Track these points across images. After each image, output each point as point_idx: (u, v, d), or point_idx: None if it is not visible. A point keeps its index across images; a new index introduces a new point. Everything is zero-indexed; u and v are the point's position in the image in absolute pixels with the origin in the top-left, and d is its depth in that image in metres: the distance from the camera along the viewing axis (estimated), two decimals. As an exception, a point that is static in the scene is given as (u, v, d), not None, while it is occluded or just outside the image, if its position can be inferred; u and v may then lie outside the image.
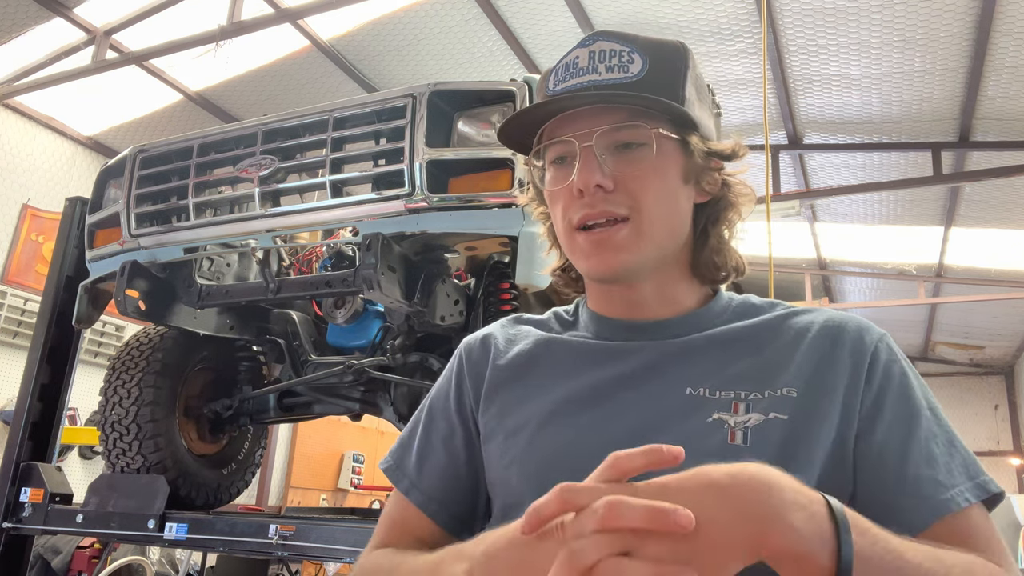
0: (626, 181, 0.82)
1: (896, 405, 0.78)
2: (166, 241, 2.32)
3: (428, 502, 0.90)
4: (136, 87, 6.24)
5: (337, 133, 2.11)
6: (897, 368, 0.81)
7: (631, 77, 0.83)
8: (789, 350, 0.82)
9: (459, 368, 0.96)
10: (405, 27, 5.52)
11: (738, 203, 0.90)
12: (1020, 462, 11.04)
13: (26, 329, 6.06)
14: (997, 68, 5.02)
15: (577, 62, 0.85)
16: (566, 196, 0.84)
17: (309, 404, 2.80)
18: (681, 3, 4.96)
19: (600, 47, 0.85)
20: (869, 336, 0.82)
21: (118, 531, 2.32)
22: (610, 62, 0.84)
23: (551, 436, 0.83)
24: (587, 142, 0.82)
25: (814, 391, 0.79)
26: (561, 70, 0.87)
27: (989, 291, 7.99)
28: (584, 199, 0.82)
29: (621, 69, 0.83)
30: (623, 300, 0.89)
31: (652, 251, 0.84)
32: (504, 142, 0.93)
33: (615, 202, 0.82)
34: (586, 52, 0.85)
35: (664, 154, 0.83)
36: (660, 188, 0.83)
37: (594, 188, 0.81)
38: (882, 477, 0.76)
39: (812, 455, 0.76)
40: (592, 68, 0.84)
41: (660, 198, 0.83)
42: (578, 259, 0.86)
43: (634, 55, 0.84)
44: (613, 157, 0.83)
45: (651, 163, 0.82)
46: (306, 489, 8.88)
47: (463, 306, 2.33)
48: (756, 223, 5.56)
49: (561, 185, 0.85)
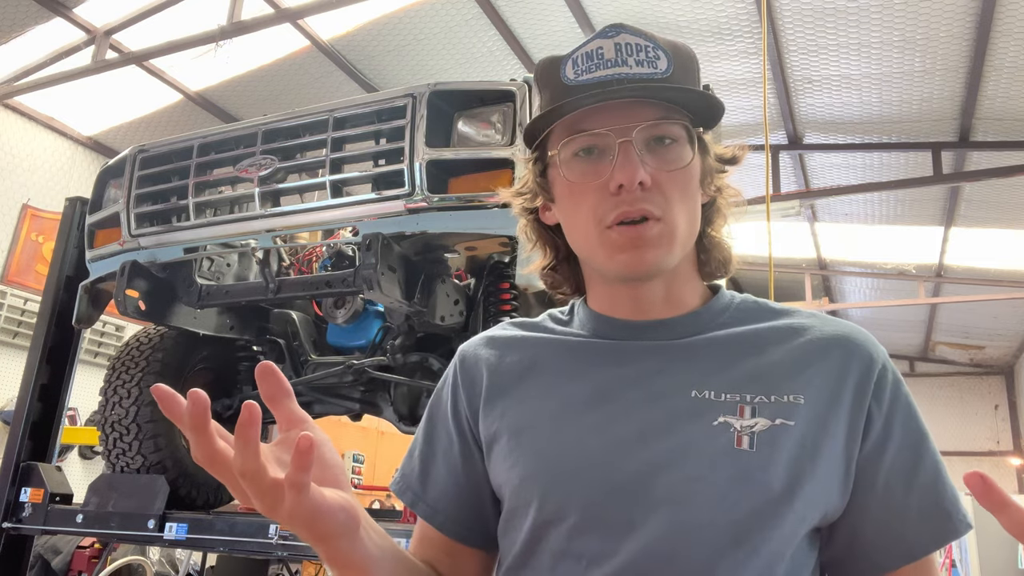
0: (660, 180, 0.81)
1: (904, 430, 0.79)
2: (166, 241, 2.32)
3: (434, 514, 0.91)
4: (136, 87, 6.24)
5: (337, 133, 2.11)
6: (903, 391, 0.81)
7: (660, 73, 0.81)
8: (796, 357, 0.82)
9: (455, 377, 0.95)
10: (405, 27, 5.52)
11: (727, 206, 0.91)
12: (1020, 462, 11.04)
13: (26, 329, 6.06)
14: (997, 68, 5.02)
15: (602, 53, 0.82)
16: (598, 191, 0.81)
17: (309, 404, 2.80)
18: (681, 3, 4.96)
19: (625, 40, 0.82)
20: (878, 354, 0.82)
21: (118, 531, 2.32)
22: (638, 56, 0.81)
23: (556, 437, 0.82)
24: (625, 136, 0.80)
25: (821, 401, 0.78)
26: (581, 59, 0.83)
27: (989, 291, 7.99)
28: (621, 196, 0.80)
29: (650, 64, 0.81)
30: (630, 299, 0.87)
31: (678, 251, 0.83)
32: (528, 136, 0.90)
33: (650, 200, 0.80)
34: (611, 43, 0.82)
35: (694, 154, 0.83)
36: (688, 189, 0.83)
37: (636, 184, 0.79)
38: (886, 501, 0.77)
39: (817, 464, 0.76)
40: (621, 60, 0.81)
41: (686, 200, 0.83)
42: (609, 254, 0.82)
43: (659, 51, 0.82)
44: (650, 154, 0.81)
45: (685, 161, 0.82)
46: (306, 489, 8.87)
47: (463, 306, 2.33)
48: (756, 223, 5.54)
49: (593, 179, 0.82)
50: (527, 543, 0.82)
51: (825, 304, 8.70)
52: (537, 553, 0.81)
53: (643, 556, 0.74)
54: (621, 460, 0.78)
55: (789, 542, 0.74)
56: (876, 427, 0.79)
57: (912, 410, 0.81)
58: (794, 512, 0.74)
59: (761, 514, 0.73)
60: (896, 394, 0.80)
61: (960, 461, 10.86)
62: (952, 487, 0.78)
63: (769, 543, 0.73)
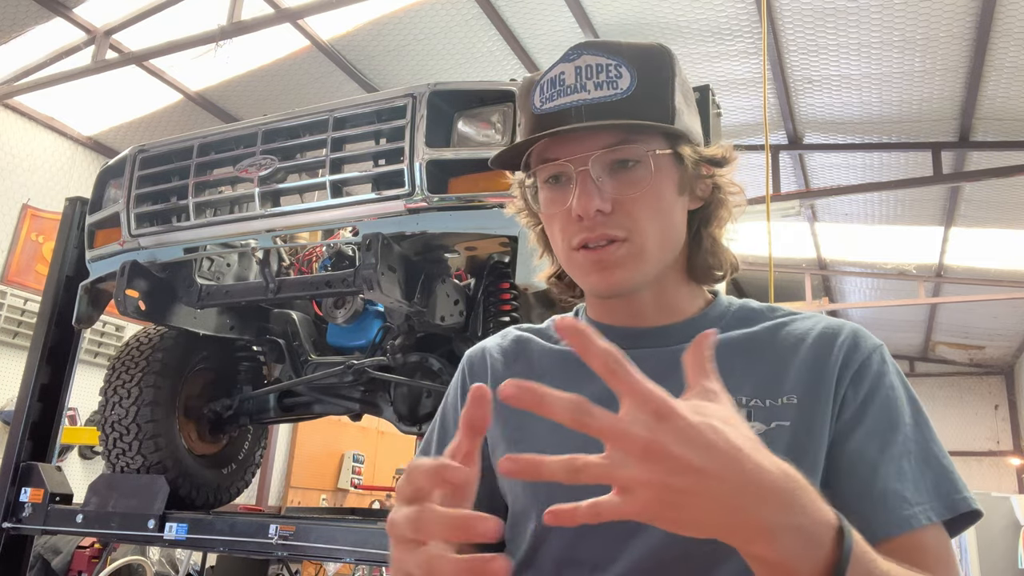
0: (624, 203, 0.81)
1: (877, 416, 0.78)
2: (166, 241, 2.32)
3: None
4: (136, 87, 6.24)
5: (337, 133, 2.11)
6: (887, 380, 0.80)
7: (620, 93, 0.81)
8: (788, 357, 0.82)
9: (462, 381, 0.97)
10: (405, 27, 5.52)
11: (728, 202, 0.90)
12: (1020, 462, 11.04)
13: (26, 329, 6.06)
14: (997, 68, 5.02)
15: (564, 79, 0.83)
16: (563, 218, 0.83)
17: (309, 404, 2.80)
18: (681, 3, 4.96)
19: (586, 61, 0.83)
20: (864, 344, 0.82)
21: (118, 531, 2.32)
22: (598, 78, 0.82)
23: (555, 446, 0.82)
24: (583, 166, 0.81)
25: (812, 397, 0.79)
26: (547, 86, 0.84)
27: (989, 291, 7.99)
28: (583, 223, 0.81)
29: (610, 85, 0.81)
30: (624, 309, 0.89)
31: (651, 267, 0.84)
32: (497, 167, 0.92)
33: (614, 224, 0.81)
34: (572, 68, 0.83)
35: (660, 171, 0.82)
36: (657, 207, 0.83)
37: (594, 213, 0.80)
38: (851, 485, 0.75)
39: (813, 460, 0.76)
40: (580, 86, 0.82)
41: (657, 216, 0.83)
42: (578, 277, 0.86)
43: (621, 68, 0.82)
44: (611, 179, 0.81)
45: (648, 182, 0.81)
46: (306, 489, 8.88)
47: (463, 306, 2.34)
48: (756, 223, 5.52)
49: (558, 208, 0.84)
50: (530, 549, 0.82)
51: (825, 304, 8.70)
52: (540, 559, 0.81)
53: (645, 561, 0.75)
54: None
55: None
56: (847, 413, 0.78)
57: (892, 398, 0.79)
58: None
59: None
60: (877, 383, 0.80)
61: (960, 461, 10.83)
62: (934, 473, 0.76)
63: None
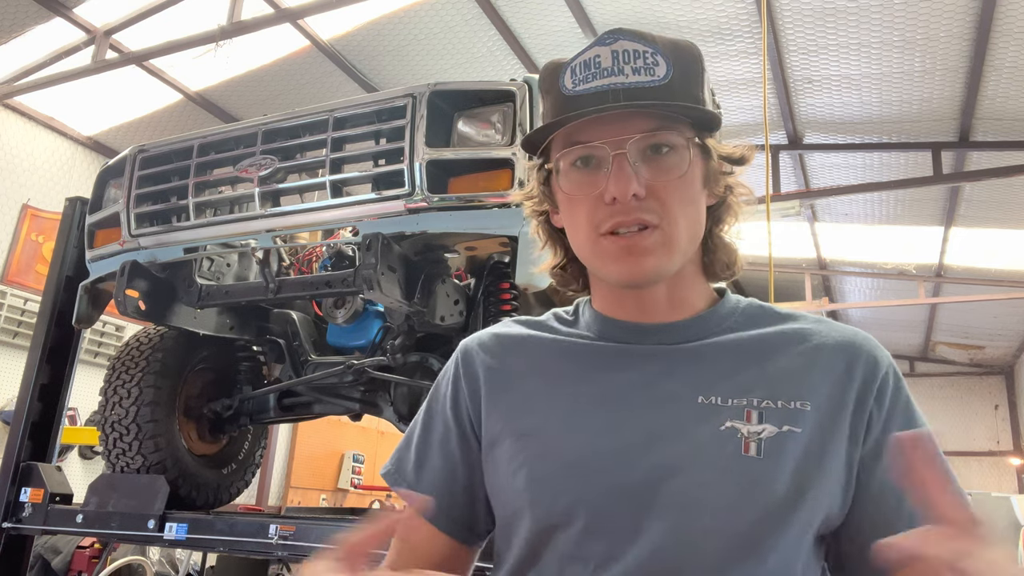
0: (657, 189, 0.80)
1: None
2: (166, 241, 2.32)
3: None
4: (136, 87, 6.24)
5: (337, 133, 2.11)
6: (904, 395, 0.81)
7: (658, 80, 0.81)
8: (802, 364, 0.82)
9: (456, 371, 0.95)
10: (405, 27, 5.52)
11: (738, 204, 0.90)
12: (1020, 462, 11.04)
13: (26, 329, 6.06)
14: (997, 68, 5.02)
15: (599, 61, 0.82)
16: (594, 201, 0.82)
17: (309, 404, 2.80)
18: (681, 3, 4.96)
19: (623, 47, 0.81)
20: (882, 360, 0.82)
21: (118, 531, 2.32)
22: (635, 63, 0.81)
23: (565, 440, 0.82)
24: (619, 149, 0.80)
25: (827, 408, 0.79)
26: (580, 68, 0.83)
27: (989, 291, 7.99)
28: (616, 206, 0.80)
29: (647, 72, 0.81)
30: (635, 302, 0.87)
31: (678, 257, 0.83)
32: (528, 149, 0.91)
33: (647, 209, 0.80)
34: (608, 51, 0.82)
35: (692, 160, 0.82)
36: (687, 195, 0.82)
37: (630, 197, 0.79)
38: (881, 507, 0.77)
39: (821, 471, 0.76)
40: (617, 69, 0.81)
41: (687, 205, 0.82)
42: (604, 263, 0.83)
43: (657, 57, 0.81)
44: (646, 164, 0.81)
45: (682, 170, 0.81)
46: (306, 489, 8.88)
47: (463, 306, 2.33)
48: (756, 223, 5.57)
49: (588, 191, 0.82)
50: (532, 546, 0.82)
51: (825, 304, 8.70)
52: (543, 556, 0.81)
53: (650, 561, 0.75)
54: (629, 464, 0.78)
55: (795, 549, 0.75)
56: (875, 431, 0.79)
57: (912, 414, 0.81)
58: (799, 520, 0.74)
59: (767, 522, 0.74)
60: (896, 398, 0.81)
61: (960, 461, 10.87)
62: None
63: (775, 551, 0.74)
